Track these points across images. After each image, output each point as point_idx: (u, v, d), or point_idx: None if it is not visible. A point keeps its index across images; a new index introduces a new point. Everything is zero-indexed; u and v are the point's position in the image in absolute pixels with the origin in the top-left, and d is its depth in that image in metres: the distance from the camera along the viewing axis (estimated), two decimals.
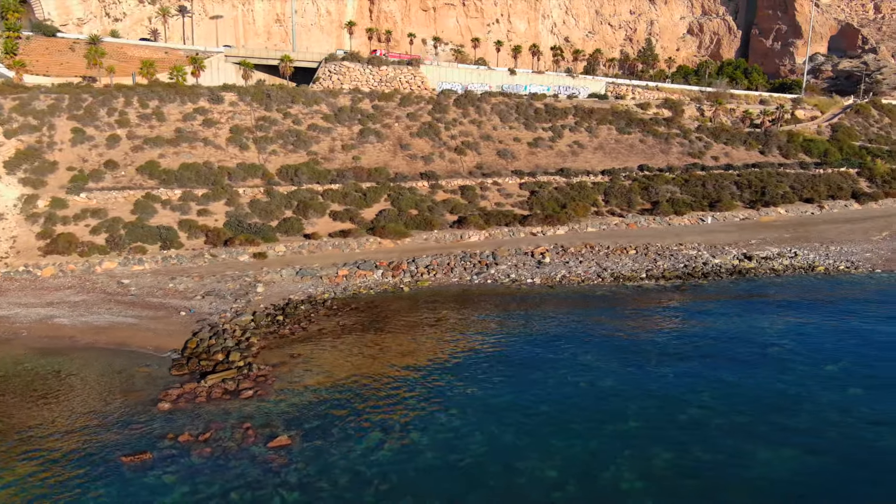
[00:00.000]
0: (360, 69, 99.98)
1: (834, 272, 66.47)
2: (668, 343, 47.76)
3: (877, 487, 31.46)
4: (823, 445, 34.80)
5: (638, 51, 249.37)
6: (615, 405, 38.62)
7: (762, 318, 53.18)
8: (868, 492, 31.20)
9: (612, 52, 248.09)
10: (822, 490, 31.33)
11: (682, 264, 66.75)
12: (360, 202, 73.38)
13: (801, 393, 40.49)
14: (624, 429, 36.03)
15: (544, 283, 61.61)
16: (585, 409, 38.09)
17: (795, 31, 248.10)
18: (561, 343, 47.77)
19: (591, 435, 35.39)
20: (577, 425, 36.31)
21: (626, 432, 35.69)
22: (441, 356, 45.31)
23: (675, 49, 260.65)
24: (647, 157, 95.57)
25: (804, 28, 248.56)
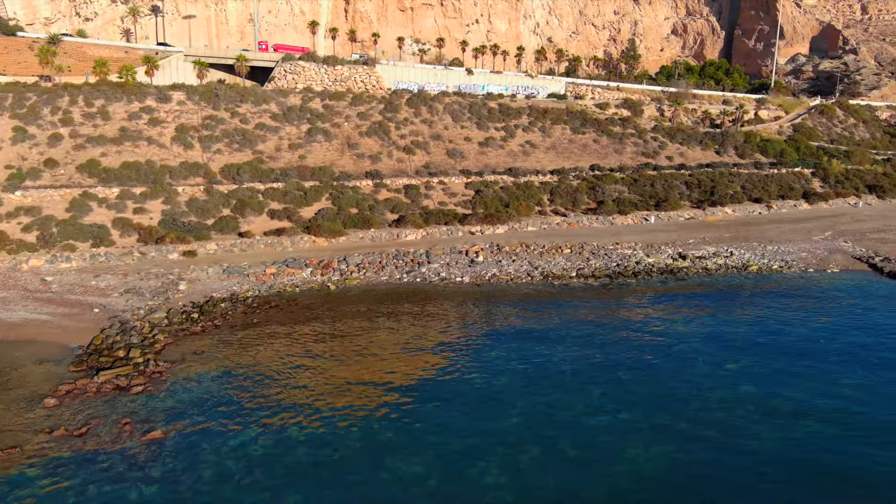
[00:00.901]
0: (315, 69, 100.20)
1: (766, 271, 66.85)
2: (573, 340, 48.08)
3: (742, 482, 31.84)
4: (696, 442, 35.10)
5: (621, 51, 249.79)
6: (499, 401, 38.97)
7: (675, 316, 53.54)
8: (730, 486, 31.60)
9: (596, 53, 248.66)
10: (680, 487, 31.64)
11: (614, 263, 67.06)
12: (299, 201, 73.61)
13: (692, 390, 40.83)
14: (501, 427, 36.35)
15: (473, 281, 61.90)
16: (467, 405, 38.43)
17: (777, 32, 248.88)
18: (464, 338, 48.15)
19: (470, 431, 35.74)
20: (460, 420, 36.70)
21: (503, 430, 36.02)
22: (343, 355, 45.58)
23: (659, 49, 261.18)
24: (600, 156, 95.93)
25: (786, 29, 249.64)
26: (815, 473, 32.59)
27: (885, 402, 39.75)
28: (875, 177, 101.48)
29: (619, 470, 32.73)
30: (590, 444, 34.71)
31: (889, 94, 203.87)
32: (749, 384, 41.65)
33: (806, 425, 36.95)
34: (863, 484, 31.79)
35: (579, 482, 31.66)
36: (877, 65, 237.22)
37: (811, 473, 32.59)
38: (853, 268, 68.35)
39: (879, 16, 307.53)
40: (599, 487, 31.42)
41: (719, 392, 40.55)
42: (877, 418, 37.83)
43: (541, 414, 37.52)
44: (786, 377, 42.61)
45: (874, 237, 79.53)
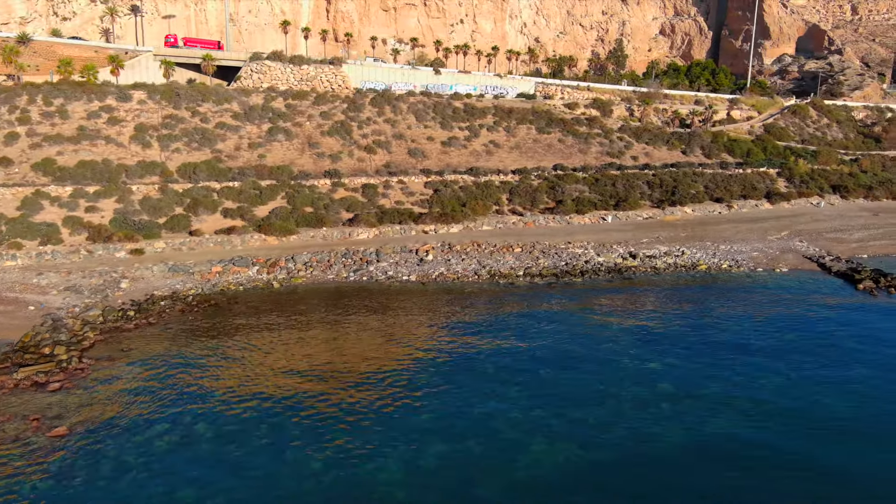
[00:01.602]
0: (281, 68, 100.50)
1: (715, 270, 67.14)
2: (503, 337, 48.39)
3: (641, 475, 32.12)
4: (605, 441, 35.25)
5: (608, 51, 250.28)
6: (413, 396, 39.26)
7: (612, 315, 53.86)
8: (632, 486, 31.86)
9: (584, 53, 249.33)
10: (581, 485, 31.81)
11: (563, 262, 67.32)
12: (254, 200, 73.86)
13: (610, 387, 41.08)
14: (409, 423, 36.61)
15: (419, 279, 62.19)
16: (383, 399, 38.69)
17: (764, 32, 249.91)
18: (393, 333, 48.49)
19: (379, 427, 36.01)
20: (372, 415, 36.95)
21: (410, 425, 36.28)
22: (270, 352, 45.80)
23: (647, 50, 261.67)
24: (565, 156, 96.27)
25: (772, 29, 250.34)
26: (713, 464, 32.90)
27: (799, 395, 40.11)
28: (840, 177, 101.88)
29: (517, 465, 32.98)
30: (493, 439, 34.97)
31: (871, 94, 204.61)
32: (666, 381, 41.89)
33: (714, 422, 37.21)
34: (761, 474, 32.10)
35: (474, 478, 31.89)
36: (862, 65, 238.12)
37: (710, 466, 32.87)
38: (802, 267, 68.66)
39: (869, 16, 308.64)
40: (494, 482, 31.68)
41: (636, 389, 40.80)
42: (789, 410, 38.19)
43: (452, 410, 37.79)
44: (705, 374, 42.89)
45: (830, 237, 79.93)
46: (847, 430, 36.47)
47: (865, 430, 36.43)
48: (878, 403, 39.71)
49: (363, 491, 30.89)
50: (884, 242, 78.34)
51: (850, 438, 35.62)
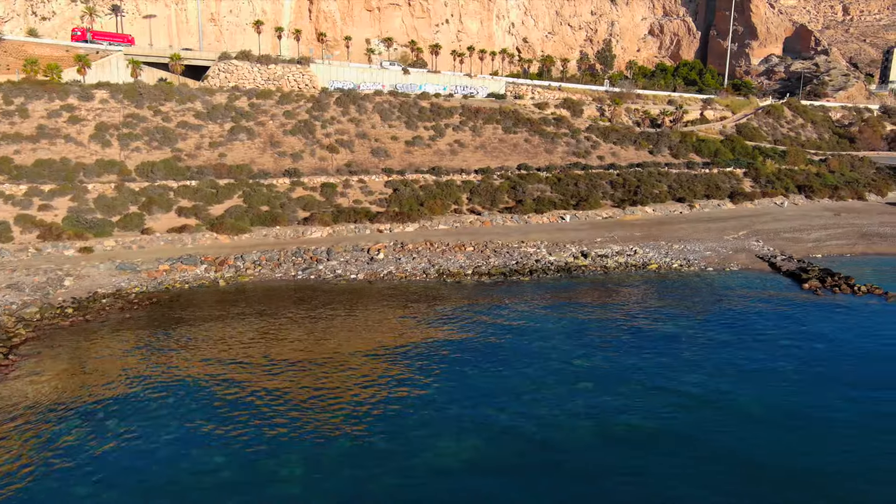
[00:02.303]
0: (248, 67, 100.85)
1: (665, 270, 67.41)
2: (435, 335, 48.72)
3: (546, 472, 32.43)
4: (508, 437, 35.62)
5: (596, 52, 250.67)
6: (332, 391, 39.60)
7: (550, 313, 54.16)
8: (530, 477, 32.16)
9: (573, 53, 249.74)
10: (481, 479, 32.16)
11: (514, 261, 67.60)
12: (210, 198, 74.12)
13: (531, 385, 41.39)
14: (318, 417, 36.95)
15: (367, 278, 62.47)
16: (302, 394, 39.01)
17: (751, 33, 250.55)
18: (322, 329, 48.69)
19: (283, 423, 36.34)
20: (278, 411, 37.26)
21: (320, 420, 36.62)
22: (197, 347, 46.04)
23: (635, 50, 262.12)
24: (530, 156, 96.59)
25: (759, 29, 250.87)
26: (614, 467, 33.24)
27: (715, 387, 40.49)
28: (807, 177, 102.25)
29: (419, 463, 33.27)
30: (400, 437, 35.28)
31: (855, 95, 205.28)
32: (588, 380, 42.21)
33: (622, 419, 37.56)
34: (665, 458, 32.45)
35: (377, 476, 32.15)
36: (848, 66, 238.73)
37: (610, 467, 33.23)
38: (753, 266, 68.97)
39: (861, 17, 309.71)
40: (394, 480, 31.96)
41: (557, 388, 41.12)
42: (702, 400, 38.69)
43: (366, 402, 38.12)
44: (628, 373, 43.23)
45: (787, 236, 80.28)
46: (756, 419, 37.38)
47: (775, 420, 37.40)
48: (795, 396, 40.41)
49: (267, 488, 31.24)
50: (839, 242, 78.68)
51: (757, 426, 36.60)
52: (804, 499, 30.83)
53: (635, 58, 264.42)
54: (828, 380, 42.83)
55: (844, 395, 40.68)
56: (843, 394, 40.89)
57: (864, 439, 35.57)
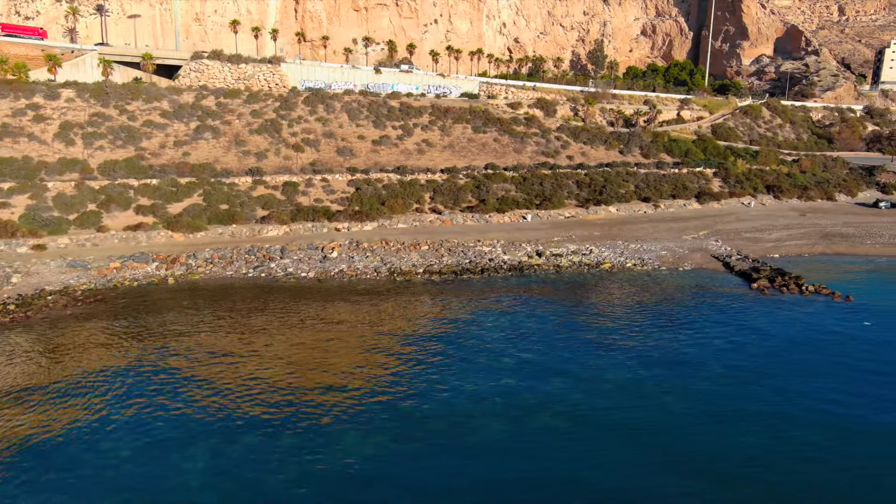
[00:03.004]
0: (219, 67, 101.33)
1: (618, 269, 67.73)
2: (364, 332, 49.14)
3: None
4: (424, 433, 36.00)
5: (587, 52, 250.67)
6: (247, 386, 40.00)
7: (489, 312, 54.52)
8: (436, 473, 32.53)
9: (564, 54, 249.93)
10: (388, 475, 32.50)
11: (467, 260, 67.98)
12: (170, 197, 74.58)
13: (455, 382, 41.79)
14: (214, 410, 37.37)
15: (317, 276, 62.89)
16: (221, 389, 39.43)
17: (743, 33, 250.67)
18: (251, 327, 49.05)
19: (187, 418, 36.76)
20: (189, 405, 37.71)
21: (219, 413, 37.04)
22: (129, 342, 46.49)
23: (628, 51, 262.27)
24: (499, 156, 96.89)
25: (750, 30, 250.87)
26: (529, 466, 33.57)
27: (638, 399, 40.73)
28: (777, 177, 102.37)
29: (329, 452, 33.68)
30: (304, 435, 35.61)
31: (843, 95, 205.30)
32: (512, 378, 42.57)
33: (538, 418, 37.92)
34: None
35: (259, 472, 32.51)
36: (838, 66, 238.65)
37: (528, 465, 33.55)
38: (707, 266, 69.26)
39: (857, 17, 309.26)
40: (294, 472, 32.36)
41: (483, 386, 41.42)
42: (618, 413, 38.89)
43: (273, 404, 38.53)
44: (554, 372, 43.55)
45: (748, 236, 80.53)
46: (669, 407, 38.68)
47: (686, 407, 38.90)
48: (709, 385, 41.45)
49: (169, 483, 31.64)
50: (799, 243, 78.91)
51: (668, 412, 38.06)
52: (721, 481, 31.63)
53: (627, 58, 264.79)
54: (746, 373, 43.56)
55: (761, 386, 41.53)
56: (759, 385, 41.68)
57: (771, 425, 36.65)
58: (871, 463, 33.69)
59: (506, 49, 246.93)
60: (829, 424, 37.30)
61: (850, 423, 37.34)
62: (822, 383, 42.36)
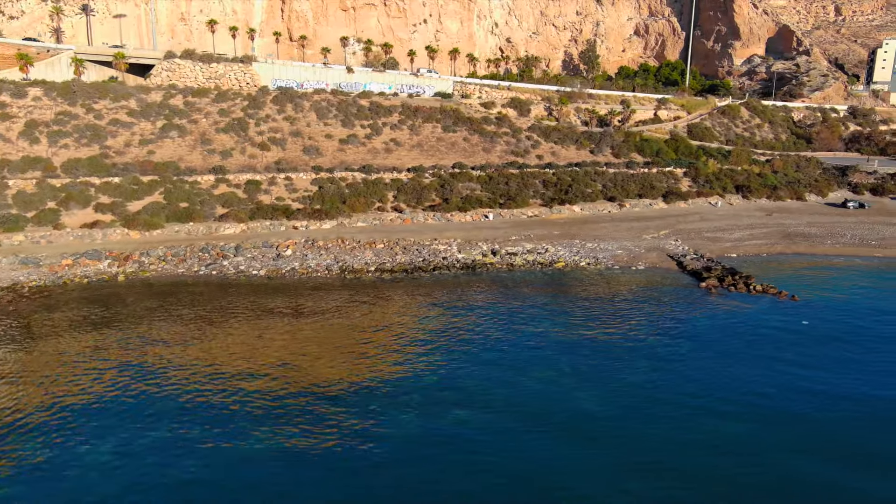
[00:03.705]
0: (190, 66, 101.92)
1: (571, 268, 68.04)
2: (296, 328, 49.68)
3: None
4: (336, 423, 36.56)
5: (580, 52, 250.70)
6: (156, 381, 40.54)
7: (429, 309, 55.06)
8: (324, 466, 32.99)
9: (556, 54, 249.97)
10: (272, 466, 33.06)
11: (420, 259, 68.35)
12: (130, 195, 75.13)
13: (376, 378, 42.32)
14: (123, 405, 37.92)
15: (268, 274, 63.36)
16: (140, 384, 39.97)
17: (734, 33, 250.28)
18: (186, 322, 49.62)
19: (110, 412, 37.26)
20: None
21: (125, 408, 37.56)
22: (60, 337, 47.05)
23: (620, 50, 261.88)
24: (467, 155, 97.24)
25: (742, 30, 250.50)
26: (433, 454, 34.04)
27: (554, 388, 41.20)
28: (748, 177, 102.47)
29: (225, 450, 34.14)
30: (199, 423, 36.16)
31: (832, 95, 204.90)
32: (433, 374, 43.05)
33: (453, 410, 38.37)
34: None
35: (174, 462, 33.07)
36: (829, 66, 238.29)
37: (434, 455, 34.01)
38: (661, 265, 69.54)
39: (853, 17, 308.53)
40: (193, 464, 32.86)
41: (403, 381, 41.94)
42: (539, 409, 39.33)
43: (185, 387, 39.06)
44: (476, 365, 44.01)
45: (708, 236, 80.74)
46: (580, 399, 38.91)
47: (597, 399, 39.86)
48: (634, 378, 42.26)
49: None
50: (759, 242, 79.09)
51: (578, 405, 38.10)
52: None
53: (620, 58, 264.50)
54: (668, 366, 44.44)
55: (678, 377, 42.65)
56: (677, 377, 42.59)
57: (681, 415, 37.83)
58: (776, 449, 34.89)
59: (497, 49, 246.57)
60: (735, 414, 38.37)
61: (754, 414, 38.32)
62: (740, 376, 43.20)
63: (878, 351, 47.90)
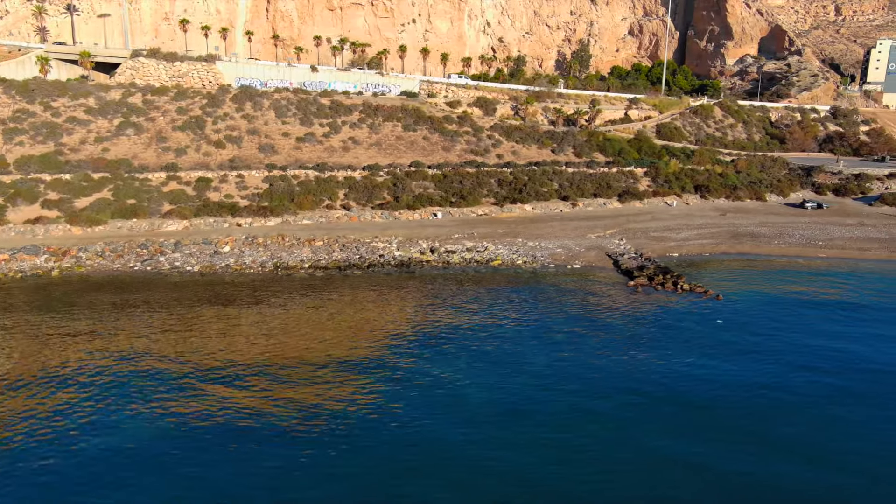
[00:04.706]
0: (154, 64, 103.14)
1: (507, 265, 68.66)
2: (213, 322, 50.58)
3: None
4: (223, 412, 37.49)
5: (573, 52, 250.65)
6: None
7: (350, 304, 55.82)
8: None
9: (549, 53, 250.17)
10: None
11: (357, 256, 69.18)
12: (80, 191, 76.26)
13: (261, 369, 43.19)
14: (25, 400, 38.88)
15: (201, 270, 64.37)
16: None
17: (727, 33, 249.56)
18: (105, 319, 50.61)
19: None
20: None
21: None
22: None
23: (614, 50, 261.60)
24: (426, 153, 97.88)
25: (735, 30, 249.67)
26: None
27: (439, 388, 41.87)
28: (709, 177, 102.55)
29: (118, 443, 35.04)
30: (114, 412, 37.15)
31: (821, 96, 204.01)
32: (335, 370, 43.75)
33: (330, 405, 39.14)
34: None
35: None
36: (820, 66, 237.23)
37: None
38: (597, 264, 70.01)
39: (853, 17, 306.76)
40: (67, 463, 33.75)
41: (303, 373, 42.80)
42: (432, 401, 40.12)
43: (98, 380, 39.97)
44: (379, 365, 44.67)
45: (655, 235, 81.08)
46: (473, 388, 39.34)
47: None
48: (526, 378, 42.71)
49: None
50: (704, 242, 79.36)
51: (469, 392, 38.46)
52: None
53: (614, 58, 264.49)
54: (567, 363, 44.93)
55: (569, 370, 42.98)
56: (568, 372, 43.02)
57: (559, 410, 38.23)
58: (640, 426, 36.83)
59: (490, 49, 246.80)
60: (608, 396, 40.09)
61: (626, 399, 39.65)
62: (627, 365, 44.06)
63: (775, 349, 48.28)
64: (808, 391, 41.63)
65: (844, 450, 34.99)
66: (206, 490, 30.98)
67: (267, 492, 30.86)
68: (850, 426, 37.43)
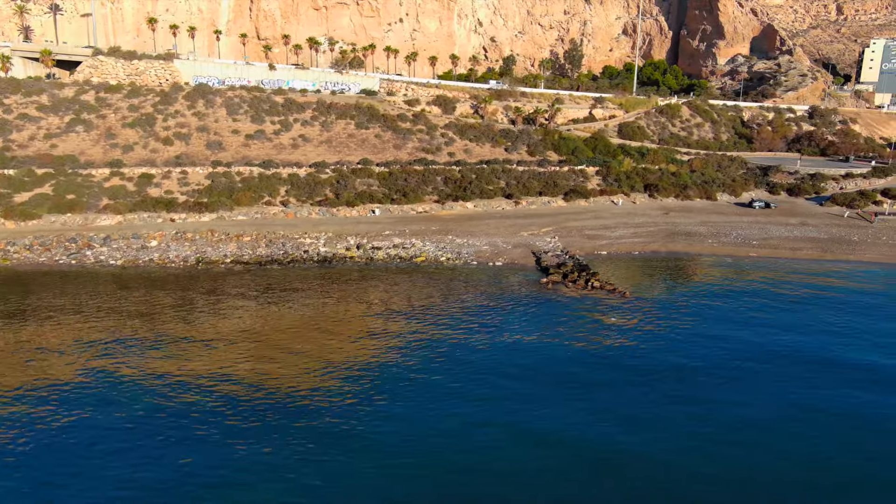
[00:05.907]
0: (113, 63, 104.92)
1: (430, 262, 69.70)
2: (127, 315, 51.95)
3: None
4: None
5: (565, 52, 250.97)
6: None
7: (256, 299, 57.03)
8: None
9: (542, 53, 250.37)
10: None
11: (280, 251, 70.48)
12: (21, 187, 78.04)
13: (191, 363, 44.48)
14: None
15: (124, 264, 65.99)
16: None
17: (719, 32, 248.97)
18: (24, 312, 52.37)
19: None
20: None
21: None
22: None
23: (608, 50, 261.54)
24: (377, 151, 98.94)
25: (727, 29, 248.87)
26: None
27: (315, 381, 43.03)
28: (660, 176, 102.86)
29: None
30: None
31: (807, 96, 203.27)
32: (243, 362, 44.94)
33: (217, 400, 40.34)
34: None
35: None
36: (811, 66, 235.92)
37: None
38: (520, 261, 70.86)
39: (856, 16, 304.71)
40: None
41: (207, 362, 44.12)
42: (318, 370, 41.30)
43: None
44: (283, 360, 45.84)
45: (589, 233, 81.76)
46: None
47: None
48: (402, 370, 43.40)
49: None
50: (637, 241, 79.90)
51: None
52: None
53: (607, 57, 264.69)
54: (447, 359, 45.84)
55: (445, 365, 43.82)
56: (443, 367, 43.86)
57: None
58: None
59: (481, 48, 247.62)
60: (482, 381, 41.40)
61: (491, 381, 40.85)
62: (507, 369, 44.78)
63: (658, 338, 49.27)
64: (669, 373, 42.95)
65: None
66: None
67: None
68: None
